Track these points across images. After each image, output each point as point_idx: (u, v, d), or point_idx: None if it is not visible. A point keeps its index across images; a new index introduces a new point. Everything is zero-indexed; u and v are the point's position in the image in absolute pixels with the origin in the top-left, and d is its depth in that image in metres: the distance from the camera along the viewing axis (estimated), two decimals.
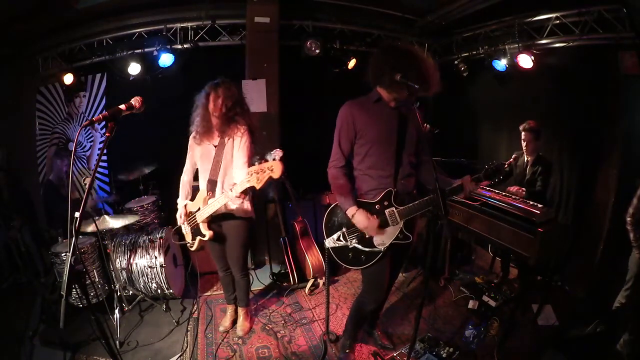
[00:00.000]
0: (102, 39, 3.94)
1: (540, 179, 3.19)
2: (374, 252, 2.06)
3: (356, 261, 2.11)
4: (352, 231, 2.09)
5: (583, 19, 3.13)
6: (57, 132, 4.46)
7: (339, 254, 2.15)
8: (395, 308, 3.16)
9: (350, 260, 2.13)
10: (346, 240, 2.11)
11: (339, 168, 2.10)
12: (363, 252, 2.08)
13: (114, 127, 1.49)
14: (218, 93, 2.40)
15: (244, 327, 2.85)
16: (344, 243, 2.11)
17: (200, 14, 3.88)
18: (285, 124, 4.18)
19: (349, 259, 2.13)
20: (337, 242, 2.13)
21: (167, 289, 3.18)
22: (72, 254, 1.33)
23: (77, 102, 4.41)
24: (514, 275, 3.53)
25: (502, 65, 3.90)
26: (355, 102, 2.08)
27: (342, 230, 2.12)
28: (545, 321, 2.86)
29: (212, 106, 2.42)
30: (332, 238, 2.14)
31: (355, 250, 2.10)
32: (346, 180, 2.08)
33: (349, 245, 2.10)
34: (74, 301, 2.97)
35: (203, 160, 2.55)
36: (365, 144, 2.04)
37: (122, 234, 3.40)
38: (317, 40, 3.99)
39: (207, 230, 2.52)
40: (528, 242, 2.56)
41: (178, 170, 2.71)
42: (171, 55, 3.85)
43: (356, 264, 2.12)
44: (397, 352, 2.57)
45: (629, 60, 3.02)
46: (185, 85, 4.18)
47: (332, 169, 2.12)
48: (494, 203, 2.88)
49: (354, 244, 2.09)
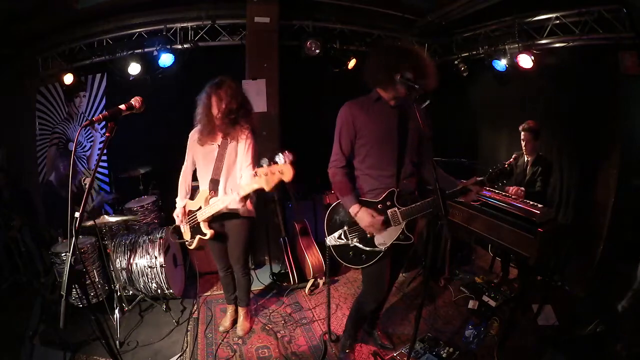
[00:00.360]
0: (102, 39, 3.94)
1: (540, 180, 3.20)
2: (375, 251, 2.06)
3: (357, 260, 2.11)
4: (353, 230, 2.09)
5: (583, 19, 3.13)
6: (57, 132, 4.46)
7: (339, 252, 2.16)
8: (395, 308, 3.16)
9: (351, 259, 2.13)
10: (347, 239, 2.11)
11: (339, 168, 2.09)
12: (364, 251, 2.08)
13: (114, 127, 1.49)
14: (220, 95, 2.36)
15: (244, 327, 2.85)
16: (345, 242, 2.12)
17: (200, 14, 3.88)
18: (285, 124, 4.18)
19: (349, 258, 2.13)
20: (338, 240, 2.13)
21: (167, 289, 3.18)
22: (72, 254, 1.33)
23: (77, 102, 4.40)
24: (514, 275, 3.53)
25: (502, 65, 3.90)
26: (355, 102, 2.08)
27: (343, 228, 2.12)
28: (545, 321, 2.86)
29: (215, 110, 2.38)
30: (334, 236, 2.15)
31: (356, 249, 2.10)
32: (347, 180, 2.08)
33: (350, 244, 2.11)
34: (74, 301, 2.97)
35: (205, 160, 2.53)
36: (365, 144, 2.04)
37: (122, 234, 3.41)
38: (317, 40, 3.98)
39: (207, 229, 2.51)
40: (528, 242, 2.56)
41: (178, 170, 2.71)
42: (171, 55, 3.85)
43: (357, 263, 2.12)
44: (397, 352, 2.57)
45: (629, 60, 3.02)
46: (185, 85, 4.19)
47: (332, 169, 2.12)
48: (494, 203, 2.88)
49: (355, 242, 2.09)
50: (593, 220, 3.36)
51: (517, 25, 3.57)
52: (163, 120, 3.93)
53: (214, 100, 2.37)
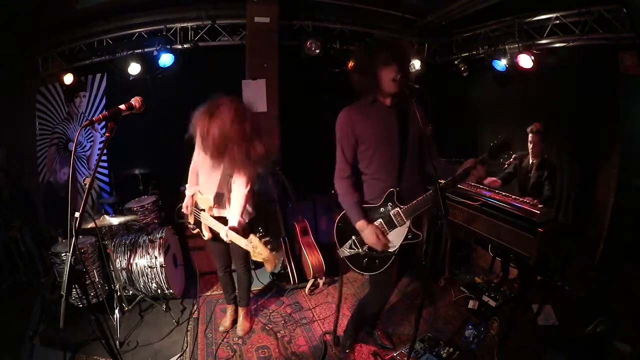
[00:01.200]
0: (102, 39, 3.94)
1: (548, 183, 3.17)
2: (387, 255, 2.04)
3: (372, 266, 2.09)
4: (361, 238, 2.07)
5: (583, 19, 3.13)
6: (57, 132, 4.46)
7: (354, 262, 2.12)
8: (395, 308, 3.16)
9: (365, 267, 2.10)
10: (358, 248, 2.08)
11: (345, 178, 2.05)
12: (376, 257, 2.06)
13: (114, 127, 1.49)
14: (212, 128, 2.17)
15: (244, 327, 2.85)
16: (357, 250, 2.09)
17: (200, 14, 3.88)
18: (285, 124, 4.18)
19: (363, 266, 2.11)
20: (349, 250, 2.10)
21: (167, 289, 3.18)
22: (72, 254, 1.33)
23: (77, 102, 4.40)
24: (514, 275, 3.53)
25: (502, 65, 3.90)
26: (352, 107, 2.05)
27: (352, 238, 2.09)
28: (545, 321, 2.85)
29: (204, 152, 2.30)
30: (345, 247, 2.12)
31: (369, 256, 2.08)
32: (353, 191, 2.05)
33: (361, 252, 2.08)
34: (74, 301, 2.97)
35: (210, 170, 2.46)
36: (368, 149, 2.01)
37: (122, 234, 3.41)
38: (317, 40, 3.99)
39: (207, 231, 2.53)
40: (528, 242, 2.56)
41: (178, 170, 2.71)
42: (171, 55, 3.85)
43: (372, 269, 2.10)
44: (397, 352, 2.57)
45: (629, 60, 3.02)
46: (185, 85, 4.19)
47: (338, 180, 2.08)
48: (494, 203, 2.88)
49: (365, 249, 2.07)
50: (593, 220, 3.36)
51: (517, 25, 3.58)
52: (163, 120, 3.93)
53: (202, 131, 2.24)
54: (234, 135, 2.18)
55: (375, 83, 1.91)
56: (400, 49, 1.90)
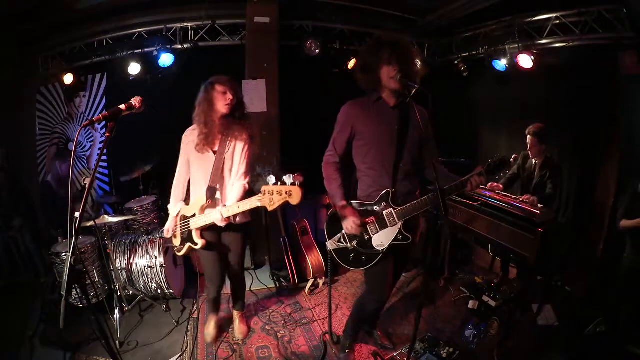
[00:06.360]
0: (102, 39, 3.95)
1: (550, 182, 3.16)
2: (374, 253, 2.06)
3: (357, 262, 2.12)
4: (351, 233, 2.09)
5: (583, 19, 3.13)
6: (57, 132, 4.46)
7: (340, 255, 2.16)
8: (395, 308, 3.16)
9: (351, 262, 2.14)
10: (346, 242, 2.12)
11: (331, 163, 2.12)
12: (363, 253, 2.08)
13: (114, 127, 1.49)
14: (226, 86, 2.25)
15: (242, 330, 2.82)
16: (345, 245, 2.13)
17: (200, 14, 3.88)
18: (285, 124, 4.18)
19: (350, 261, 2.14)
20: (338, 244, 2.15)
21: (167, 289, 3.18)
22: (72, 254, 1.33)
23: (77, 102, 4.41)
24: (514, 275, 3.53)
25: (502, 65, 3.90)
26: (356, 102, 2.09)
27: (342, 232, 2.12)
28: (545, 321, 2.85)
29: (219, 104, 2.27)
30: (334, 240, 2.16)
31: (356, 252, 2.10)
32: (338, 175, 2.11)
33: (349, 247, 2.11)
34: (74, 301, 2.96)
35: (201, 167, 2.38)
36: (365, 145, 2.05)
37: (122, 234, 3.40)
38: (317, 40, 3.99)
39: (199, 238, 2.35)
40: (528, 242, 2.56)
41: None
42: (171, 55, 3.85)
43: (357, 265, 2.13)
44: (397, 352, 2.57)
45: (629, 60, 3.02)
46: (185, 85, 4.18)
47: (325, 165, 2.15)
48: (494, 203, 2.88)
49: (354, 245, 2.10)
50: (593, 220, 3.36)
51: (517, 25, 3.58)
52: (163, 120, 3.93)
53: (218, 92, 2.26)
54: (241, 96, 2.37)
55: (376, 81, 1.93)
56: (403, 48, 1.91)
